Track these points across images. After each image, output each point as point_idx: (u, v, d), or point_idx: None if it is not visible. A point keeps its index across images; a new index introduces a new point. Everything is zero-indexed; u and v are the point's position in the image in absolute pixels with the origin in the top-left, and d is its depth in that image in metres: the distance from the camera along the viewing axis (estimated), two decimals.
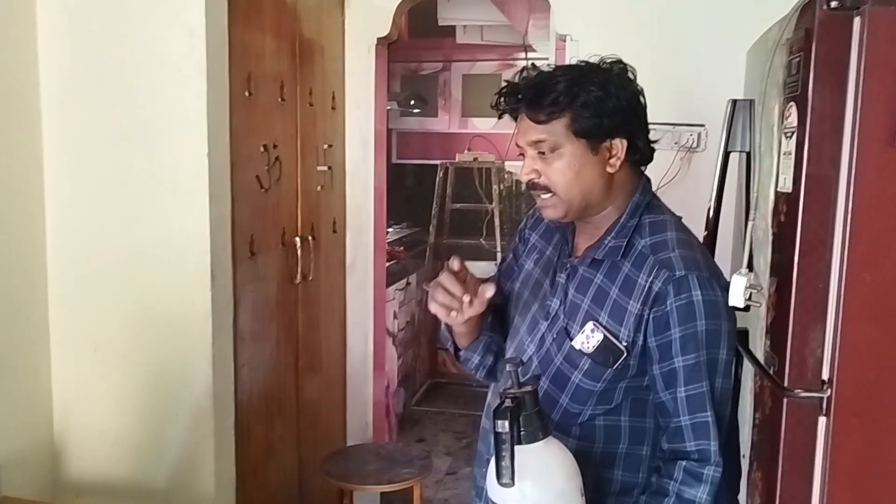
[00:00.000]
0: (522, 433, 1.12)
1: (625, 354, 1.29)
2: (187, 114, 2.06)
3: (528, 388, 1.14)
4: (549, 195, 1.33)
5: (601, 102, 1.28)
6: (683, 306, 1.25)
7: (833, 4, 1.31)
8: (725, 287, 1.30)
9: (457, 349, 1.53)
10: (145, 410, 2.20)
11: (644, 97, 1.35)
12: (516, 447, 1.10)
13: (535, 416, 1.13)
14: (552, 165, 1.31)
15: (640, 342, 1.28)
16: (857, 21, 1.30)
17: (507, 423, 1.09)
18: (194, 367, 2.15)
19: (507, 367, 1.17)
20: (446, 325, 1.49)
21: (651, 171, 1.43)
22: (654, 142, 1.38)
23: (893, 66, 1.27)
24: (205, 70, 2.04)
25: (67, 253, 2.19)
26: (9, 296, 2.08)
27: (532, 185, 1.34)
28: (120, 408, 2.20)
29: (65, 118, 2.14)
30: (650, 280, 1.28)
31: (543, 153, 1.31)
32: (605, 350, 1.30)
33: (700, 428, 1.25)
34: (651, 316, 1.27)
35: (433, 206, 4.52)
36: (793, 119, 1.39)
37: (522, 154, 1.36)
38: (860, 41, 1.29)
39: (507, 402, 1.12)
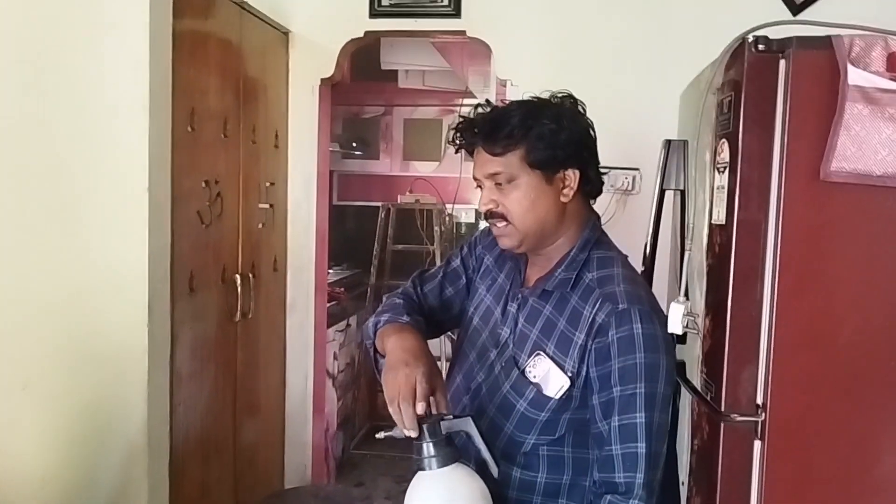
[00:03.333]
0: (433, 458, 1.21)
1: (569, 385, 1.31)
2: (128, 146, 2.04)
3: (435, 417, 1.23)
4: (505, 224, 1.37)
5: (555, 134, 1.33)
6: (624, 338, 1.28)
7: (760, 48, 1.39)
8: (666, 323, 1.34)
9: (378, 354, 1.47)
10: (76, 451, 2.12)
11: (594, 130, 1.40)
12: (424, 472, 1.21)
13: (441, 443, 1.22)
14: (509, 196, 1.35)
15: (583, 373, 1.31)
16: (782, 63, 1.38)
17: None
18: (129, 405, 2.09)
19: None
20: (373, 323, 1.48)
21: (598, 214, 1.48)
22: (604, 174, 1.43)
23: (817, 106, 1.35)
24: (147, 104, 2.04)
25: None
26: None
27: (490, 214, 1.38)
28: (49, 448, 2.12)
29: (1, 146, 2.09)
30: (594, 312, 1.31)
31: (500, 184, 1.35)
32: (550, 380, 1.32)
33: (629, 459, 1.26)
34: (593, 347, 1.30)
35: (374, 247, 4.52)
36: (725, 155, 1.45)
37: (480, 186, 1.39)
38: (786, 82, 1.37)
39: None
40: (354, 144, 4.82)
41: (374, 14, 2.92)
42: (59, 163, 2.08)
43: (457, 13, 2.87)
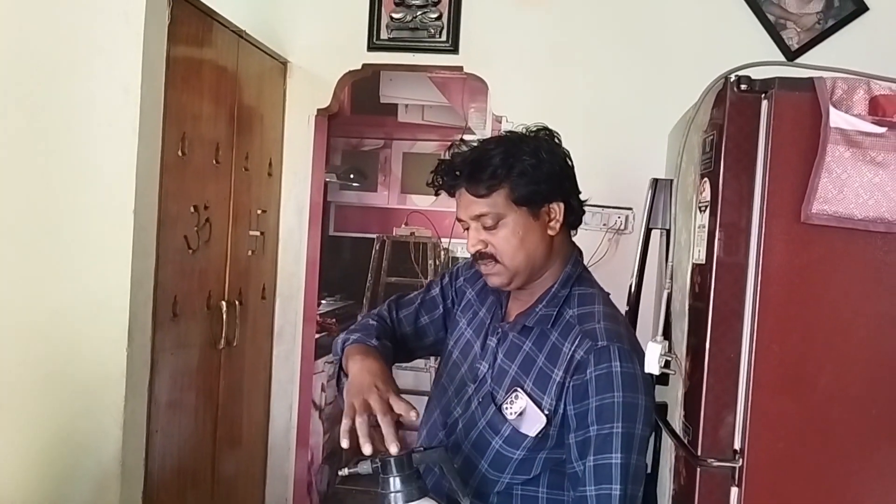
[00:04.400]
0: (398, 493, 1.18)
1: (545, 423, 1.28)
2: (116, 169, 2.04)
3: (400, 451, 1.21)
4: (494, 264, 1.35)
5: (536, 169, 1.33)
6: (603, 376, 1.26)
7: (743, 87, 1.39)
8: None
9: (343, 372, 1.46)
10: (48, 476, 2.08)
11: (571, 159, 1.40)
12: None
13: (407, 478, 1.19)
14: (497, 235, 1.34)
15: (560, 411, 1.29)
16: (764, 103, 1.38)
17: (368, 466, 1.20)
18: (104, 431, 2.05)
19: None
20: (342, 340, 1.46)
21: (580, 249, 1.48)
22: (584, 202, 1.43)
23: (798, 146, 1.35)
24: (137, 127, 2.03)
25: None
26: None
27: (479, 255, 1.37)
28: (20, 472, 2.08)
29: None
30: (573, 348, 1.29)
31: (488, 225, 1.34)
32: (527, 417, 1.30)
33: (603, 500, 1.23)
34: (571, 384, 1.28)
35: (368, 279, 4.50)
36: (706, 194, 1.44)
37: (466, 228, 1.38)
38: (768, 122, 1.37)
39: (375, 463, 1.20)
40: (352, 176, 4.84)
41: (372, 47, 2.93)
42: (45, 183, 2.07)
43: (454, 49, 2.89)
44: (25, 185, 2.08)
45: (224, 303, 2.58)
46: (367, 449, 1.21)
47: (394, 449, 1.20)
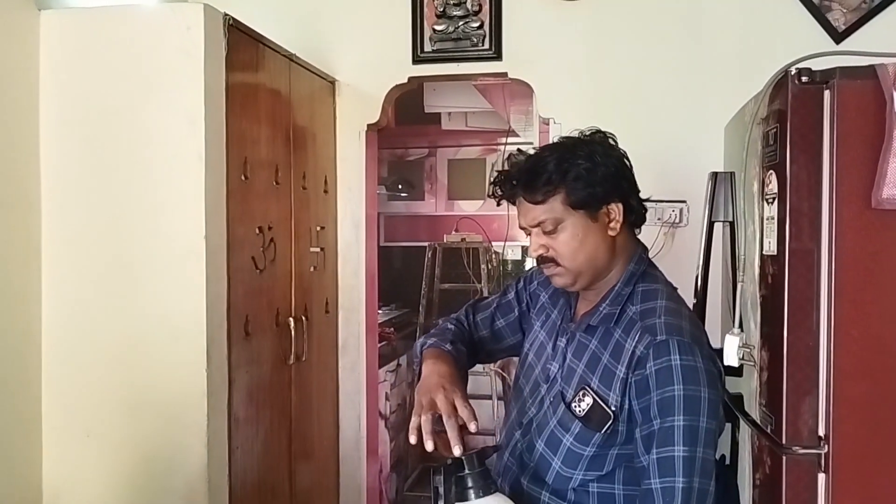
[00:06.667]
0: (469, 489, 1.22)
1: (612, 419, 1.31)
2: (185, 196, 2.11)
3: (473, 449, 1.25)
4: (556, 266, 1.39)
5: (591, 173, 1.35)
6: (663, 370, 1.27)
7: (804, 79, 1.40)
8: (710, 356, 1.32)
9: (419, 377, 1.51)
10: (138, 495, 2.16)
11: (629, 160, 1.42)
12: (466, 503, 1.22)
13: (478, 475, 1.23)
14: (557, 239, 1.37)
15: (626, 406, 1.31)
16: (827, 94, 1.39)
17: (441, 479, 1.24)
18: (189, 450, 2.12)
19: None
20: (420, 344, 1.52)
21: (645, 246, 1.49)
22: (646, 200, 1.44)
23: (863, 135, 1.36)
24: (203, 155, 2.10)
25: (62, 336, 2.20)
26: (2, 379, 2.07)
27: (541, 259, 1.40)
28: (111, 493, 2.16)
29: (63, 200, 2.19)
30: (634, 344, 1.31)
31: (548, 230, 1.37)
32: (595, 414, 1.32)
33: (668, 493, 1.24)
34: (633, 379, 1.30)
35: (422, 287, 4.56)
36: (773, 186, 1.46)
37: (528, 233, 1.42)
38: (831, 112, 1.38)
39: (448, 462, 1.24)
40: (400, 186, 4.91)
41: (417, 60, 2.99)
42: (120, 214, 2.15)
43: (498, 56, 2.93)
44: (101, 219, 2.17)
45: (291, 319, 2.64)
46: (429, 446, 1.26)
47: (457, 451, 1.24)
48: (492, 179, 1.46)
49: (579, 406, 1.35)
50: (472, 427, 1.27)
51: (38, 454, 2.19)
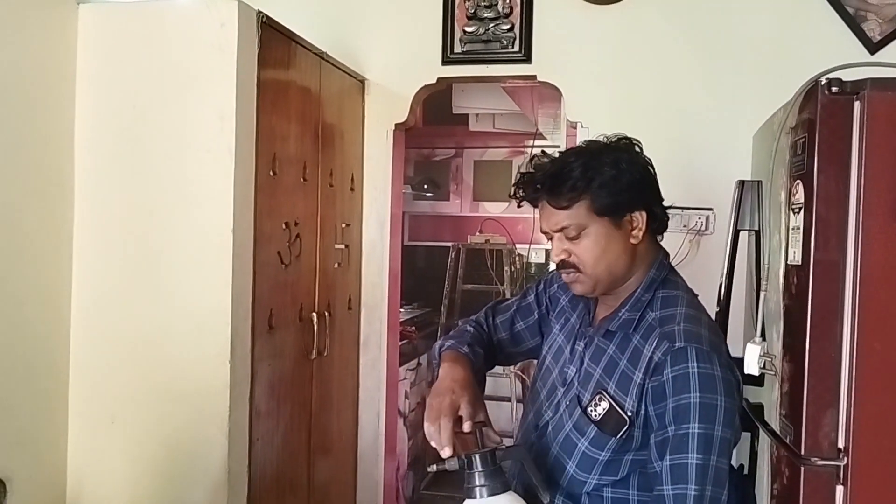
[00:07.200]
0: (479, 487, 1.24)
1: (628, 424, 1.31)
2: (215, 190, 2.14)
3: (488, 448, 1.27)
4: (576, 273, 1.39)
5: (616, 180, 1.35)
6: (680, 377, 1.27)
7: (834, 90, 1.39)
8: (729, 365, 1.31)
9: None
10: (159, 483, 2.20)
11: (653, 167, 1.42)
12: (474, 501, 1.25)
13: (489, 474, 1.25)
14: (580, 245, 1.37)
15: (642, 412, 1.31)
16: (857, 105, 1.38)
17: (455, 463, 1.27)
18: (210, 440, 2.15)
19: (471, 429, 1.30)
20: (438, 346, 1.53)
21: (667, 252, 1.50)
22: (668, 208, 1.44)
23: (892, 146, 1.35)
24: (233, 150, 2.13)
25: (90, 325, 2.24)
26: (31, 365, 2.12)
27: (562, 264, 1.41)
28: (133, 480, 2.20)
29: (95, 192, 2.23)
30: (652, 350, 1.31)
31: (571, 236, 1.37)
32: (611, 419, 1.33)
33: (679, 500, 1.23)
34: (650, 385, 1.30)
35: (445, 287, 4.57)
36: (800, 196, 1.45)
37: (550, 238, 1.42)
38: (861, 123, 1.38)
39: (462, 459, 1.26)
40: (425, 186, 4.93)
41: (446, 61, 3.00)
42: (150, 206, 2.19)
43: (527, 59, 2.93)
44: (131, 211, 2.21)
45: (314, 314, 2.67)
46: (446, 452, 1.29)
47: (446, 452, 1.27)
48: (515, 181, 1.46)
49: (595, 410, 1.35)
50: (465, 427, 1.30)
51: (64, 439, 2.23)
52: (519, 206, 1.48)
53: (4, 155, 2.00)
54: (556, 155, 1.44)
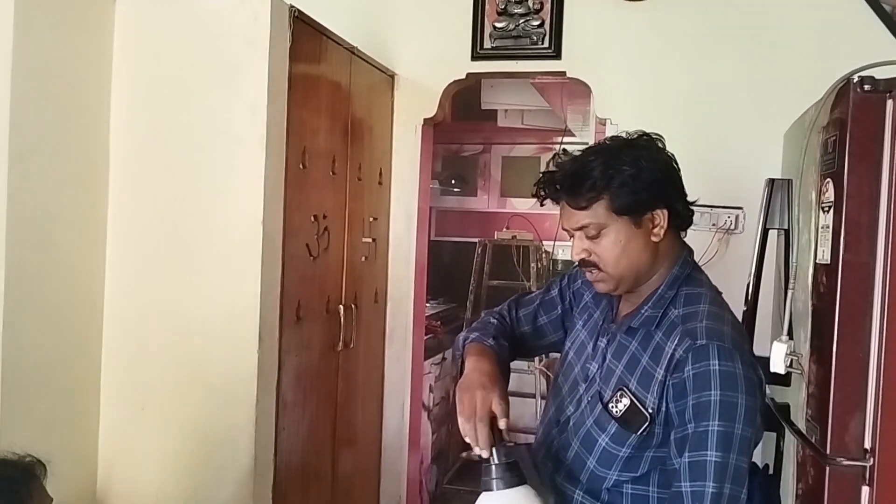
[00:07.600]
0: (495, 479, 1.26)
1: (649, 421, 1.31)
2: (245, 182, 2.17)
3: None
4: (598, 271, 1.39)
5: (636, 179, 1.34)
6: (700, 374, 1.26)
7: (866, 88, 1.38)
8: (751, 363, 1.30)
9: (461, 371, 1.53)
10: (187, 469, 2.24)
11: (676, 163, 1.41)
12: (489, 493, 1.26)
13: (503, 467, 1.27)
14: (600, 244, 1.37)
15: (663, 409, 1.30)
16: (889, 103, 1.37)
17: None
18: (237, 428, 2.19)
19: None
20: (462, 338, 1.54)
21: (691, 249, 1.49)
22: (693, 203, 1.42)
23: None
24: (264, 142, 2.16)
25: (123, 313, 2.28)
26: (65, 352, 2.17)
27: (583, 263, 1.41)
28: (162, 465, 2.24)
29: (129, 183, 2.27)
30: (674, 347, 1.31)
31: (591, 235, 1.37)
32: (632, 415, 1.33)
33: (697, 497, 1.23)
34: (671, 382, 1.30)
35: (471, 282, 4.58)
36: (830, 194, 1.44)
37: (571, 235, 1.42)
38: (893, 122, 1.36)
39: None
40: (453, 181, 4.93)
41: (475, 57, 3.01)
42: (182, 197, 2.23)
43: (557, 55, 2.93)
44: (164, 202, 2.25)
45: (341, 307, 2.70)
46: (485, 454, 1.29)
47: (484, 453, 1.28)
48: (536, 180, 1.46)
49: (616, 406, 1.35)
50: (500, 424, 1.30)
51: (96, 424, 2.28)
52: (541, 205, 1.48)
53: (42, 148, 2.05)
54: (577, 153, 1.43)
